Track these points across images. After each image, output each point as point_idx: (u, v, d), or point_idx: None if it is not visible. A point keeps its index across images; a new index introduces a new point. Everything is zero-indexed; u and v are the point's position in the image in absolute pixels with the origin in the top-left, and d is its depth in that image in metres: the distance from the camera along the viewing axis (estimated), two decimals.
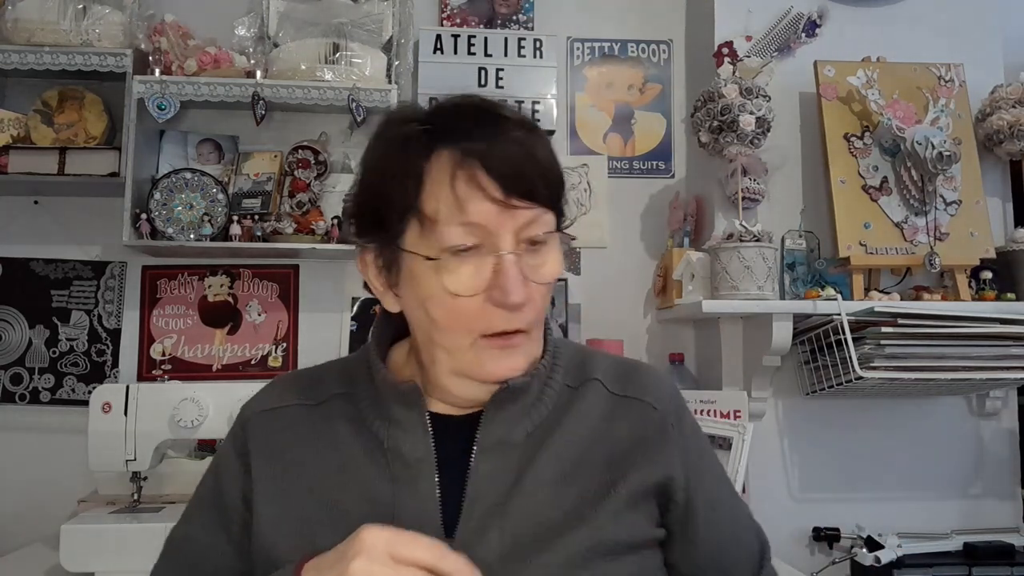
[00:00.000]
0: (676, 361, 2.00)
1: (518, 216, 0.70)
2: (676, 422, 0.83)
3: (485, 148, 0.70)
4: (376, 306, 2.22)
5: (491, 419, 0.77)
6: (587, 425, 0.79)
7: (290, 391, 0.84)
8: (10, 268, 2.00)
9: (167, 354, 2.01)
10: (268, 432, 0.81)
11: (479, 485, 0.75)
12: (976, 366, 1.69)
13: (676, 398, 0.86)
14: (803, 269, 1.90)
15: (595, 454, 0.78)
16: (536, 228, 0.72)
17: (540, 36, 2.12)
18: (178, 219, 1.89)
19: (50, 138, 1.90)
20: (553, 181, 0.74)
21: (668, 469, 0.79)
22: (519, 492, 0.75)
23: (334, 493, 0.76)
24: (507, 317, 0.71)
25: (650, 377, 0.86)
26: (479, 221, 0.69)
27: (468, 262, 0.70)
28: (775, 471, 1.91)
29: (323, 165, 2.02)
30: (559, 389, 0.81)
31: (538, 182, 0.72)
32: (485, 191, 0.69)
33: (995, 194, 1.98)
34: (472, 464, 0.75)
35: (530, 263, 0.72)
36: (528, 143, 0.72)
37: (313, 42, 1.92)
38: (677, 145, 2.20)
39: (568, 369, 0.83)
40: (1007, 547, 1.78)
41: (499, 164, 0.70)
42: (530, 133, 0.74)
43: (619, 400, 0.82)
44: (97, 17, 1.86)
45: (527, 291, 0.71)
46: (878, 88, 1.87)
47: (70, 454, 1.86)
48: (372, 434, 0.78)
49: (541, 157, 0.73)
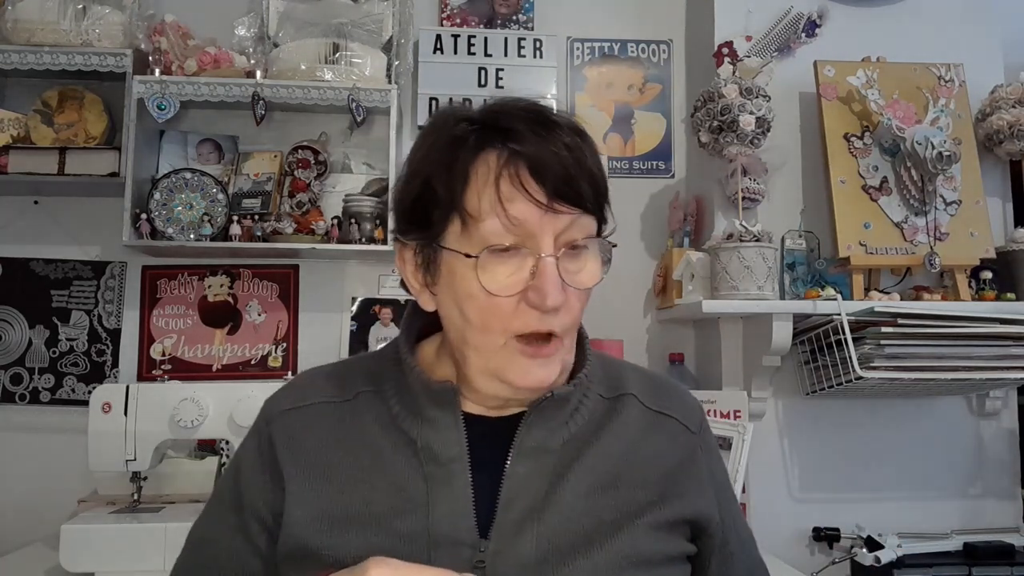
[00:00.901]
0: (676, 361, 2.00)
1: (560, 219, 0.71)
2: (703, 446, 0.85)
3: (532, 150, 0.70)
4: (376, 306, 2.22)
5: (532, 423, 0.77)
6: (624, 439, 0.80)
7: (314, 388, 0.83)
8: (10, 268, 2.00)
9: (167, 354, 2.01)
10: (294, 431, 0.80)
11: (514, 487, 0.75)
12: (976, 366, 1.69)
13: (703, 419, 0.88)
14: (803, 269, 1.90)
15: (633, 470, 0.78)
16: (577, 232, 0.72)
17: (540, 36, 2.12)
18: (178, 219, 1.89)
19: (50, 138, 1.90)
20: (598, 187, 0.74)
21: (705, 507, 0.81)
22: (555, 498, 0.75)
23: (366, 492, 0.75)
24: (542, 319, 0.71)
25: (680, 393, 0.88)
26: (521, 221, 0.69)
27: (507, 262, 0.70)
28: (775, 471, 1.90)
29: (323, 165, 2.02)
30: (595, 399, 0.82)
31: (583, 187, 0.71)
32: (529, 192, 0.69)
33: (995, 194, 1.98)
34: (508, 466, 0.75)
35: (569, 267, 0.72)
36: (576, 148, 0.72)
37: (313, 42, 1.92)
38: (677, 145, 2.20)
39: (600, 379, 0.84)
40: (1007, 547, 1.78)
41: (545, 166, 0.70)
42: (579, 138, 0.74)
43: (653, 416, 0.83)
44: (97, 17, 1.86)
45: (564, 295, 0.71)
46: (878, 88, 1.87)
47: (70, 454, 1.86)
48: (403, 432, 0.77)
49: (588, 163, 0.73)
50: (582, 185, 0.71)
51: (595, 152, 0.75)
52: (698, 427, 0.86)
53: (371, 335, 2.05)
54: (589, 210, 0.73)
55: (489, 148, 0.71)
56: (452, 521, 0.72)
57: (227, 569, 0.80)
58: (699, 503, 0.81)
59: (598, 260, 0.75)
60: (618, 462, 0.78)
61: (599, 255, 0.75)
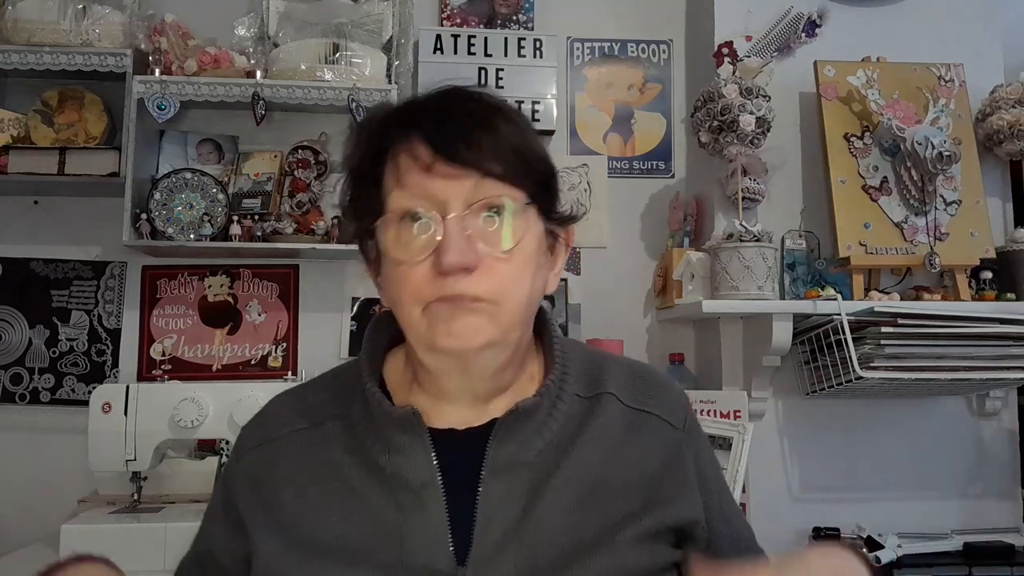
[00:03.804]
0: (676, 361, 2.00)
1: (462, 184, 0.69)
2: (688, 440, 0.82)
3: (429, 122, 0.70)
4: (376, 306, 2.23)
5: (502, 438, 0.74)
6: (603, 445, 0.76)
7: (285, 415, 0.81)
8: (10, 268, 2.00)
9: (167, 354, 2.01)
10: (262, 470, 0.78)
11: (490, 508, 0.72)
12: (976, 366, 1.69)
13: (687, 409, 0.84)
14: (803, 269, 1.90)
15: (613, 479, 0.75)
16: (485, 193, 0.69)
17: (540, 36, 2.12)
18: (178, 219, 1.89)
19: (50, 138, 1.90)
20: (513, 154, 0.70)
21: (690, 512, 0.78)
22: (533, 516, 0.72)
23: (340, 526, 0.73)
24: (453, 283, 0.68)
25: (662, 387, 0.84)
26: (419, 188, 0.69)
27: (416, 230, 0.70)
28: (775, 471, 1.90)
29: (323, 165, 2.02)
30: (570, 400, 0.78)
31: (482, 149, 0.69)
32: (419, 159, 0.69)
33: (995, 194, 1.98)
34: (481, 487, 0.72)
35: (487, 230, 0.70)
36: (480, 115, 0.71)
37: (313, 42, 1.92)
38: (677, 145, 2.20)
39: (578, 377, 0.80)
40: (1007, 547, 1.78)
41: (436, 131, 0.69)
42: (491, 110, 0.72)
43: (634, 415, 0.79)
44: (97, 17, 1.86)
45: (474, 256, 0.68)
46: (878, 88, 1.87)
47: (70, 454, 1.86)
48: (372, 461, 0.74)
49: (494, 128, 0.70)
50: (478, 147, 0.69)
51: (512, 122, 0.72)
52: (682, 422, 0.82)
53: None
54: (491, 171, 0.69)
55: (397, 134, 0.72)
56: (428, 550, 0.70)
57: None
58: (683, 508, 0.77)
59: (526, 225, 0.71)
60: (597, 471, 0.75)
61: (530, 222, 0.72)
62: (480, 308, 0.69)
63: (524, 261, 0.71)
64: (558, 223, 0.77)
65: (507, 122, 0.71)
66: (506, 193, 0.70)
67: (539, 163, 0.73)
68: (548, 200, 0.74)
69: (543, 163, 0.74)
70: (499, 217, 0.70)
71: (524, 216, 0.71)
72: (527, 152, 0.72)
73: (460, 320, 0.69)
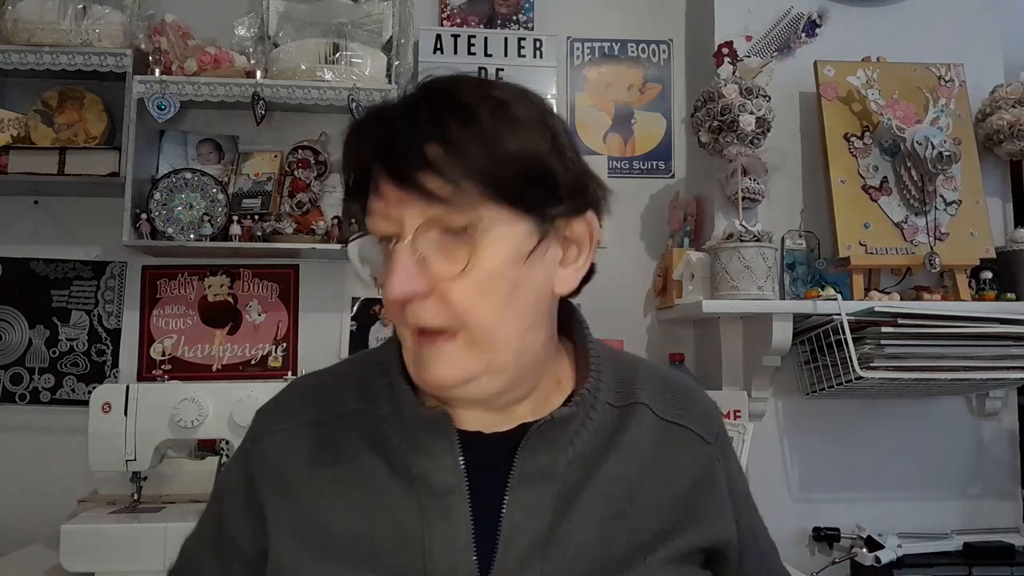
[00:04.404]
0: (676, 361, 2.00)
1: (413, 205, 0.63)
2: (720, 455, 0.80)
3: (383, 139, 0.64)
4: (376, 306, 2.23)
5: (533, 446, 0.70)
6: (636, 459, 0.73)
7: (306, 403, 0.77)
8: (10, 268, 2.00)
9: (167, 354, 2.01)
10: (278, 458, 0.74)
11: (516, 519, 0.68)
12: (976, 366, 1.69)
13: (720, 422, 0.82)
14: (803, 269, 1.90)
15: (645, 495, 0.72)
16: (433, 213, 0.63)
17: (540, 36, 2.12)
18: (178, 219, 1.89)
19: (50, 138, 1.90)
20: (471, 163, 0.62)
21: (721, 532, 0.76)
22: (561, 531, 0.68)
23: (359, 526, 0.69)
24: (411, 312, 0.65)
25: (695, 398, 0.81)
26: (380, 211, 0.65)
27: (387, 254, 0.66)
28: (775, 471, 1.90)
29: (323, 165, 2.02)
30: (602, 409, 0.74)
31: (432, 165, 0.61)
32: (377, 180, 0.65)
33: (995, 194, 1.98)
34: (508, 496, 0.69)
35: (443, 250, 0.64)
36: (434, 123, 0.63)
37: (313, 42, 1.92)
38: (677, 145, 2.20)
39: (610, 384, 0.76)
40: (1007, 547, 1.78)
41: (384, 150, 0.64)
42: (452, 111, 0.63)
43: (667, 427, 0.76)
44: (97, 17, 1.86)
45: (419, 284, 0.63)
46: (878, 88, 1.86)
47: (70, 454, 1.86)
48: (396, 459, 0.71)
49: (449, 137, 0.62)
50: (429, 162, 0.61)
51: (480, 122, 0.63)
52: (714, 436, 0.79)
53: (371, 335, 2.05)
54: (437, 192, 0.62)
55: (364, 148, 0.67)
56: (450, 559, 0.67)
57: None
58: (716, 528, 0.75)
59: (494, 237, 0.64)
60: (629, 486, 0.72)
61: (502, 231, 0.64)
62: (453, 339, 0.65)
63: (489, 275, 0.64)
64: (562, 215, 0.68)
65: (467, 124, 0.63)
66: (459, 210, 0.63)
67: (516, 160, 0.64)
68: (536, 196, 0.65)
69: (522, 159, 0.64)
70: (454, 236, 0.64)
71: (488, 228, 0.64)
72: (495, 153, 0.63)
73: (432, 358, 0.66)
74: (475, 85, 0.67)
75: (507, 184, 0.63)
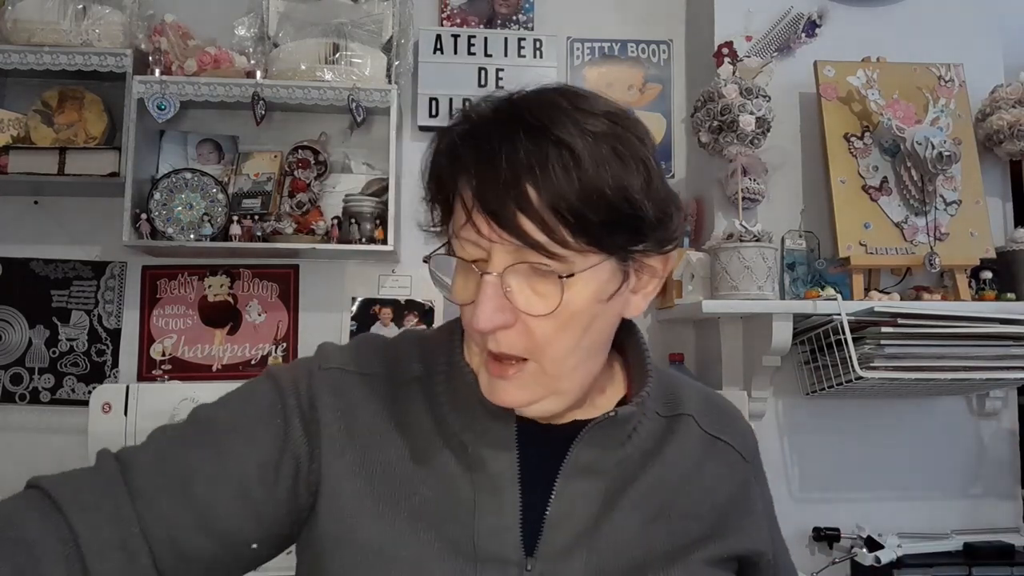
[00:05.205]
0: (676, 361, 2.00)
1: (504, 244, 0.64)
2: (756, 474, 0.84)
3: (472, 165, 0.64)
4: (376, 306, 2.22)
5: (588, 441, 0.73)
6: (680, 467, 0.77)
7: (377, 359, 0.78)
8: (10, 268, 2.00)
9: (167, 354, 2.01)
10: (352, 396, 0.74)
11: (563, 506, 0.72)
12: (976, 366, 1.69)
13: (755, 443, 0.86)
14: (803, 269, 1.90)
15: (685, 502, 0.76)
16: (526, 257, 0.64)
17: (540, 36, 2.12)
18: (178, 219, 1.89)
19: (50, 138, 1.90)
20: (566, 209, 0.62)
21: (754, 543, 0.79)
22: (606, 523, 0.72)
23: (417, 484, 0.71)
24: (492, 339, 0.67)
25: (735, 417, 0.85)
26: (469, 237, 0.66)
27: (466, 273, 0.68)
28: (775, 471, 1.90)
29: (323, 165, 2.02)
30: (651, 416, 0.78)
31: (524, 210, 0.62)
32: (466, 207, 0.65)
33: (995, 194, 1.98)
34: (558, 483, 0.72)
35: (524, 288, 0.65)
36: (529, 159, 0.62)
37: (313, 42, 1.92)
38: (677, 145, 2.20)
39: (657, 396, 0.79)
40: (1007, 547, 1.78)
41: (475, 181, 0.64)
42: (548, 145, 0.62)
43: (710, 441, 0.80)
44: (97, 17, 1.86)
45: (505, 318, 0.65)
46: (878, 88, 1.86)
47: (70, 454, 1.85)
48: (454, 434, 0.73)
49: (543, 177, 0.61)
50: (523, 205, 0.62)
51: (579, 159, 0.62)
52: (752, 455, 0.84)
53: None
54: (532, 240, 0.62)
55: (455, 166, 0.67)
56: (498, 535, 0.69)
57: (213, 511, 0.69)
58: (753, 538, 0.79)
59: (580, 282, 0.65)
60: (671, 491, 0.75)
61: (588, 274, 0.65)
62: (516, 377, 0.68)
63: (571, 315, 0.66)
64: (642, 253, 0.69)
65: (567, 169, 0.62)
66: (553, 257, 0.63)
67: (610, 207, 0.63)
68: (623, 239, 0.66)
69: (616, 205, 0.63)
70: (548, 278, 0.64)
71: (575, 269, 0.65)
72: (590, 199, 0.62)
73: (501, 388, 0.69)
74: (575, 113, 0.65)
75: (598, 230, 0.64)
